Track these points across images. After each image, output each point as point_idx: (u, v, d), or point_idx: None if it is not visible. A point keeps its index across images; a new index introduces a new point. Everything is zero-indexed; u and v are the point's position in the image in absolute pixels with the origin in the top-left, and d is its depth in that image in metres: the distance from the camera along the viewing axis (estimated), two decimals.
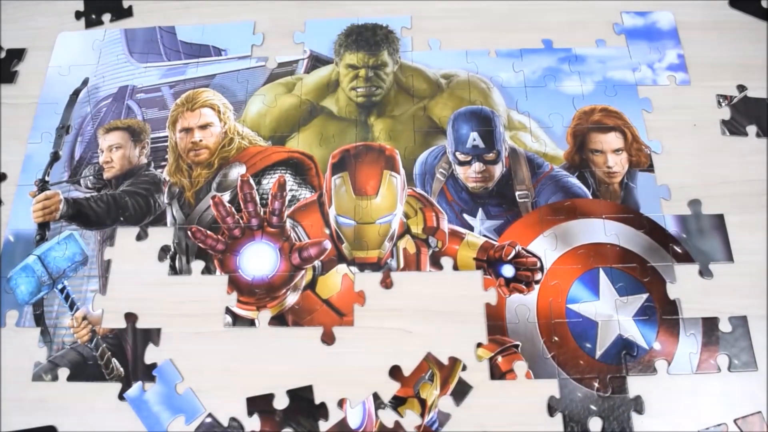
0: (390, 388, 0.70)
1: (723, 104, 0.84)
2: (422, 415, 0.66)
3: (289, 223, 0.79)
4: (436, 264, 0.76)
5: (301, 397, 0.70)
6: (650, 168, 0.81)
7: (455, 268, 0.76)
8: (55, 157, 0.86)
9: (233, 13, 0.95)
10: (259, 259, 0.77)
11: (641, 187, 0.80)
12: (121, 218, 0.81)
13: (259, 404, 0.70)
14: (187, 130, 0.86)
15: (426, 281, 0.76)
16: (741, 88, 0.84)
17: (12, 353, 0.75)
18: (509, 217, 0.79)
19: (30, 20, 0.97)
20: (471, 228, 0.78)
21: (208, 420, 0.69)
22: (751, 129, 0.83)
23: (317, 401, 0.70)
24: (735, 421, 0.67)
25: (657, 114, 0.84)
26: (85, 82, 0.92)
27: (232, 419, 0.69)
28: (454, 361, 0.69)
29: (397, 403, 0.67)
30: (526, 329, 0.72)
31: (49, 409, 0.72)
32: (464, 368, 0.70)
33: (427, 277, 0.76)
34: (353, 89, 0.88)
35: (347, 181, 0.81)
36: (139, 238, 0.80)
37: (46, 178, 0.85)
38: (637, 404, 0.68)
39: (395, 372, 0.69)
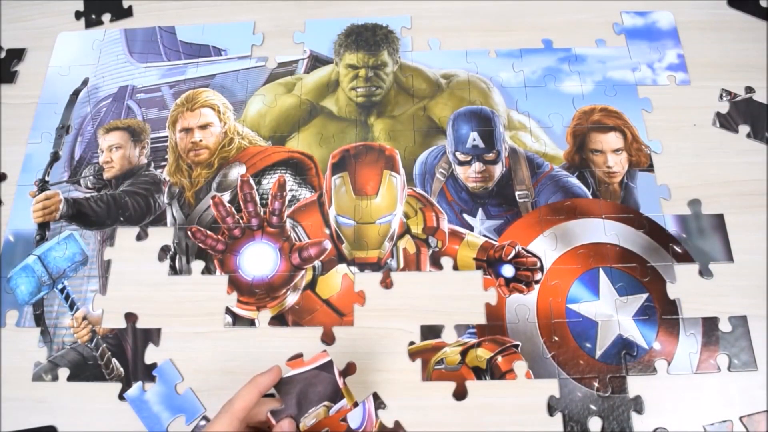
0: (390, 389, 0.70)
1: (725, 98, 0.84)
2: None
3: (289, 223, 0.79)
4: (436, 264, 0.76)
5: None
6: (650, 168, 0.81)
7: (455, 268, 0.76)
8: (55, 157, 0.86)
9: (233, 13, 0.95)
10: (259, 259, 0.77)
11: (641, 187, 0.80)
12: (121, 218, 0.81)
13: None
14: (187, 130, 0.86)
15: (426, 281, 0.76)
16: (749, 89, 0.84)
17: (12, 353, 0.75)
18: (509, 217, 0.79)
19: (30, 20, 0.97)
20: (471, 228, 0.78)
21: (203, 423, 0.69)
22: (744, 129, 0.83)
23: None
24: (741, 418, 0.67)
25: (657, 114, 0.84)
26: (85, 82, 0.92)
27: None
28: None
29: None
30: (526, 329, 0.72)
31: (49, 409, 0.72)
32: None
33: (427, 277, 0.76)
34: (353, 89, 0.88)
35: (347, 181, 0.81)
36: (139, 238, 0.80)
37: (46, 178, 0.85)
38: (637, 404, 0.68)
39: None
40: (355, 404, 0.57)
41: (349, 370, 0.71)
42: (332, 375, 0.56)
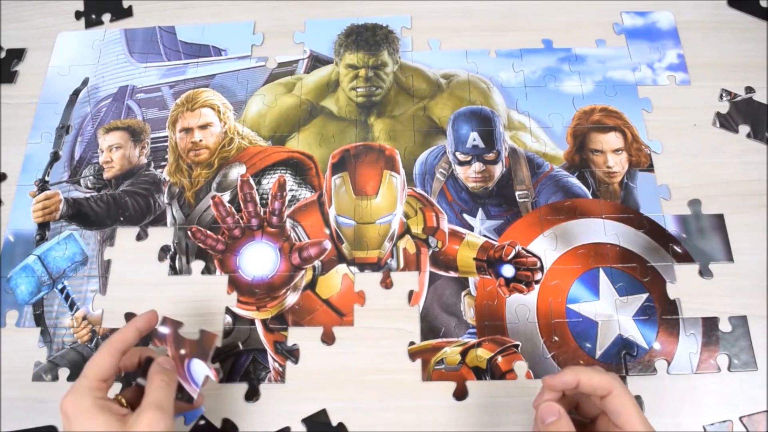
0: (390, 389, 0.70)
1: (725, 98, 0.85)
2: None
3: (289, 223, 0.79)
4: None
5: (317, 422, 0.69)
6: (650, 168, 0.81)
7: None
8: (55, 157, 0.86)
9: (233, 13, 0.95)
10: (259, 259, 0.77)
11: (641, 187, 0.80)
12: (121, 218, 0.81)
13: None
14: (187, 130, 0.86)
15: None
16: (749, 89, 0.84)
17: (12, 353, 0.75)
18: (509, 217, 0.79)
19: (30, 20, 0.97)
20: (471, 228, 0.78)
21: (202, 422, 0.69)
22: (744, 129, 0.83)
23: (317, 403, 0.70)
24: (741, 418, 0.67)
25: (657, 114, 0.84)
26: (85, 82, 0.92)
27: (225, 420, 0.69)
28: None
29: None
30: (526, 329, 0.72)
31: (49, 409, 0.72)
32: None
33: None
34: (353, 89, 0.88)
35: (347, 181, 0.81)
36: (139, 238, 0.80)
37: (46, 178, 0.85)
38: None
39: None
40: None
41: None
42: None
